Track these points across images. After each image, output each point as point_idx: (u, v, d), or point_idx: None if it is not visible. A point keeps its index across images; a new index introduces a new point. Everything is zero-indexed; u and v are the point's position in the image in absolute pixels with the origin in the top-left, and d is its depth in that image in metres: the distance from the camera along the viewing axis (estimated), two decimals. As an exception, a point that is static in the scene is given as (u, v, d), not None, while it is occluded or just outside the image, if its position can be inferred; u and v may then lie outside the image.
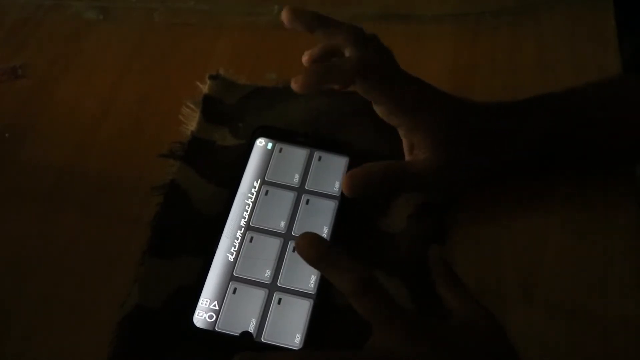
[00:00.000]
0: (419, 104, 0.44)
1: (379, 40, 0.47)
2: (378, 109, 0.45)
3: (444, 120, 0.45)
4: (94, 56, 0.58)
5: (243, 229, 0.45)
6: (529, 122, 0.46)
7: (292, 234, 0.45)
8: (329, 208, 0.47)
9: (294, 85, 0.41)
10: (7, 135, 0.52)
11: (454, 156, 0.45)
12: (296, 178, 0.48)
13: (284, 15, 0.45)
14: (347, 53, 0.46)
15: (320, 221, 0.46)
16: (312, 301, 0.42)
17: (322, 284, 0.43)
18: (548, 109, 0.47)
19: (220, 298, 0.42)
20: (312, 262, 0.37)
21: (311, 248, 0.36)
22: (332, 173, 0.48)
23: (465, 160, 0.46)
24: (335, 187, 0.47)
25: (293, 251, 0.44)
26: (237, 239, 0.45)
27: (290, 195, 0.47)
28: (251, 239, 0.45)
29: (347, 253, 0.36)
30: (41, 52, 0.58)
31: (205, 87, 0.54)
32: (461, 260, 0.45)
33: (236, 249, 0.44)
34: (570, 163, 0.49)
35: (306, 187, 0.47)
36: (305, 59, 0.48)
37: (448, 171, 0.45)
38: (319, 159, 0.49)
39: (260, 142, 0.50)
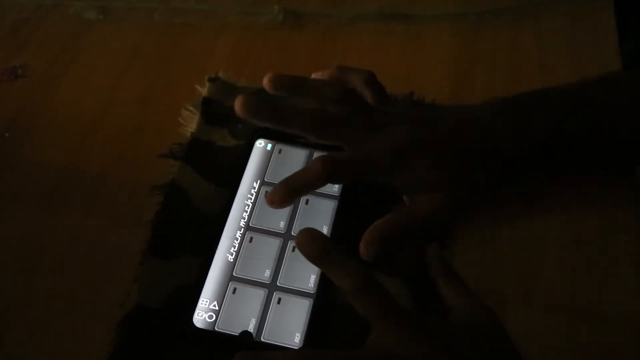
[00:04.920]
0: (397, 167, 0.44)
1: (350, 91, 0.46)
2: None
3: (435, 166, 0.44)
4: (94, 56, 0.58)
5: (243, 229, 0.45)
6: (527, 134, 0.45)
7: (292, 234, 0.45)
8: (328, 208, 0.46)
9: (268, 203, 0.42)
10: (7, 135, 0.52)
11: (452, 192, 0.45)
12: (296, 178, 0.48)
13: (265, 82, 0.45)
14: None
15: (320, 221, 0.46)
16: (311, 301, 0.42)
17: (322, 283, 0.43)
18: (546, 115, 0.46)
19: (220, 298, 0.42)
20: (312, 258, 0.37)
21: (311, 244, 0.37)
22: (332, 173, 0.48)
23: (464, 190, 0.45)
24: (335, 187, 0.47)
25: (293, 251, 0.44)
26: (237, 239, 0.45)
27: (290, 195, 0.47)
28: (251, 239, 0.45)
29: (347, 252, 0.36)
30: (41, 52, 0.58)
31: (204, 90, 0.54)
32: (461, 260, 0.45)
33: (236, 249, 0.44)
34: (569, 168, 0.48)
35: (306, 187, 0.47)
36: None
37: (447, 204, 0.45)
38: (319, 159, 0.49)
39: (259, 143, 0.50)
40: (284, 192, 0.42)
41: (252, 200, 0.47)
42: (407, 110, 0.49)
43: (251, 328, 0.41)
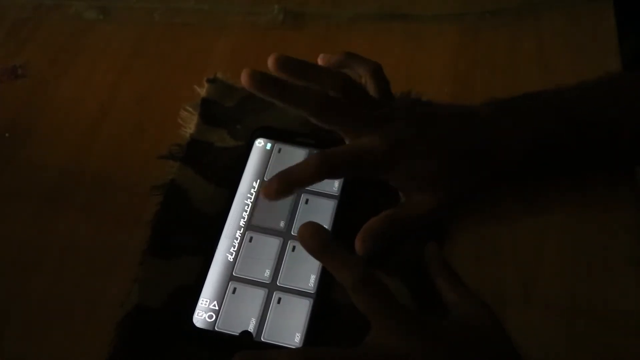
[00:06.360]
0: (395, 162, 0.43)
1: (352, 83, 0.44)
2: None
3: (434, 164, 0.44)
4: (94, 56, 0.58)
5: (242, 228, 0.45)
6: (528, 132, 0.45)
7: (292, 233, 0.45)
8: (328, 207, 0.47)
9: (264, 196, 0.40)
10: (7, 135, 0.52)
11: (447, 190, 0.45)
12: (296, 178, 0.48)
13: (271, 63, 0.43)
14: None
15: (320, 221, 0.45)
16: (311, 300, 0.42)
17: (322, 283, 0.43)
18: (546, 114, 0.46)
19: (220, 298, 0.42)
20: (314, 252, 0.37)
21: (313, 238, 0.37)
22: (332, 173, 0.48)
23: (460, 186, 0.45)
24: (335, 186, 0.47)
25: (293, 251, 0.44)
26: (237, 239, 0.45)
27: (290, 195, 0.47)
28: (251, 239, 0.45)
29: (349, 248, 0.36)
30: (41, 52, 0.58)
31: (203, 91, 0.54)
32: (461, 260, 0.45)
33: (236, 249, 0.44)
34: (569, 167, 0.48)
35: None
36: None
37: (445, 203, 0.45)
38: (319, 158, 0.49)
39: (259, 143, 0.50)
40: (279, 187, 0.40)
41: (251, 200, 0.47)
42: (409, 106, 0.48)
43: (251, 328, 0.41)
